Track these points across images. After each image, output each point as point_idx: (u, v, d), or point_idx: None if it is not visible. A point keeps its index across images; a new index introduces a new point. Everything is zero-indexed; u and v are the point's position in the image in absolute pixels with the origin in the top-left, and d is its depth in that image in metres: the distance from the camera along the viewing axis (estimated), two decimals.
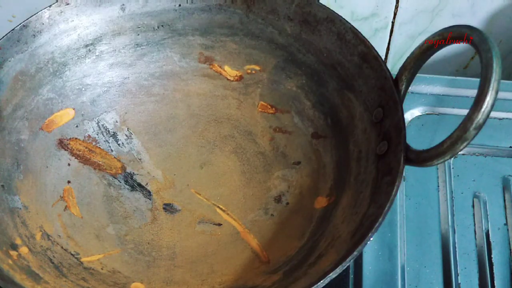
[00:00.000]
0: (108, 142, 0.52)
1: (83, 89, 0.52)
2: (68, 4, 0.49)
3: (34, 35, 0.48)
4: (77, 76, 0.51)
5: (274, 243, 0.47)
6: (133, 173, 0.52)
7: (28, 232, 0.45)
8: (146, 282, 0.46)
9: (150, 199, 0.50)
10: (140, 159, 0.52)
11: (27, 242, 0.45)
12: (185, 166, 0.52)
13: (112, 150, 0.52)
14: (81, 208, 0.49)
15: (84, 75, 0.52)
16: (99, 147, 0.52)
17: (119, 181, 0.51)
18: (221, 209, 0.50)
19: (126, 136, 0.53)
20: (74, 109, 0.51)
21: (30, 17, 0.48)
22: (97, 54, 0.52)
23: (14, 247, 0.43)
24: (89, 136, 0.52)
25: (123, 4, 0.51)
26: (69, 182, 0.50)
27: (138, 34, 0.52)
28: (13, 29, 0.47)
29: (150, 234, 0.49)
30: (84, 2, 0.50)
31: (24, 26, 0.47)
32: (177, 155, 0.53)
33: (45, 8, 0.48)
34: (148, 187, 0.51)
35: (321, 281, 0.37)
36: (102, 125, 0.53)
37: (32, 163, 0.49)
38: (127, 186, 0.51)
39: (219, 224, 0.49)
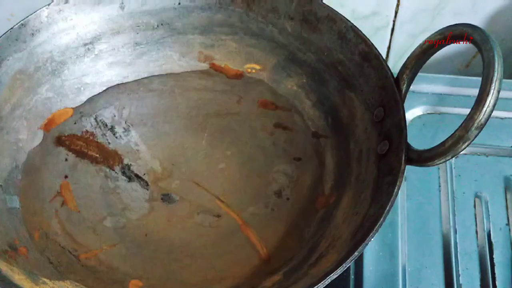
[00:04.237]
0: (106, 136, 0.52)
1: (82, 88, 0.52)
2: (67, 2, 0.49)
3: (32, 33, 0.48)
4: (76, 75, 0.51)
5: (274, 239, 0.47)
6: (131, 164, 0.52)
7: (27, 232, 0.45)
8: (144, 278, 0.46)
9: (147, 190, 0.50)
10: (137, 151, 0.52)
11: (25, 242, 0.44)
12: (184, 157, 0.52)
13: (109, 143, 0.52)
14: (78, 202, 0.49)
15: (83, 74, 0.52)
16: (96, 141, 0.52)
17: (116, 172, 0.51)
18: (220, 200, 0.50)
19: (124, 129, 0.53)
20: (73, 108, 0.51)
21: (29, 15, 0.47)
22: (96, 53, 0.52)
23: (13, 247, 0.43)
24: (86, 131, 0.52)
25: (122, 3, 0.51)
26: (66, 177, 0.50)
27: (138, 33, 0.52)
28: (11, 28, 0.47)
29: (148, 226, 0.48)
30: (83, 0, 0.49)
31: (22, 24, 0.47)
32: (175, 146, 0.53)
33: (43, 7, 0.48)
34: (146, 178, 0.51)
35: (322, 282, 0.36)
36: (100, 120, 0.52)
37: (31, 162, 0.48)
38: (124, 177, 0.51)
39: (218, 216, 0.49)
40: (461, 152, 0.37)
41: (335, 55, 0.48)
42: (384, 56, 0.62)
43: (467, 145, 0.36)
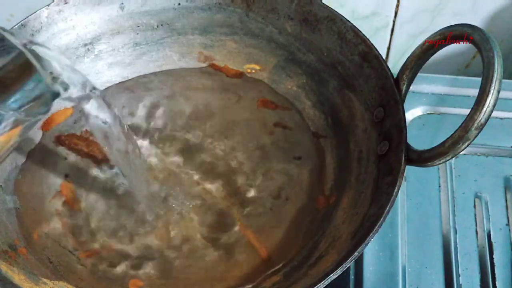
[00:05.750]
0: None
1: None
2: (67, 3, 0.49)
3: (32, 34, 0.48)
4: None
5: (274, 240, 0.47)
6: None
7: (26, 232, 0.45)
8: (144, 277, 0.46)
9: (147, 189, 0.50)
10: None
11: (25, 242, 0.44)
12: (184, 156, 0.52)
13: None
14: (78, 201, 0.49)
15: None
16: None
17: (116, 172, 0.51)
18: (220, 199, 0.50)
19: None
20: (72, 107, 0.51)
21: (29, 16, 0.47)
22: (96, 53, 0.52)
23: (13, 247, 0.43)
24: (86, 131, 0.52)
25: (122, 3, 0.51)
26: (66, 176, 0.50)
27: (137, 33, 0.52)
28: (11, 28, 0.47)
29: (148, 226, 0.48)
30: (83, 1, 0.49)
31: (22, 25, 0.47)
32: (175, 145, 0.53)
33: (43, 7, 0.48)
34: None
35: (322, 282, 0.36)
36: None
37: (30, 162, 0.48)
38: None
39: (218, 216, 0.49)
40: (461, 152, 0.37)
41: (335, 55, 0.48)
42: (384, 56, 0.62)
43: (467, 145, 0.36)
